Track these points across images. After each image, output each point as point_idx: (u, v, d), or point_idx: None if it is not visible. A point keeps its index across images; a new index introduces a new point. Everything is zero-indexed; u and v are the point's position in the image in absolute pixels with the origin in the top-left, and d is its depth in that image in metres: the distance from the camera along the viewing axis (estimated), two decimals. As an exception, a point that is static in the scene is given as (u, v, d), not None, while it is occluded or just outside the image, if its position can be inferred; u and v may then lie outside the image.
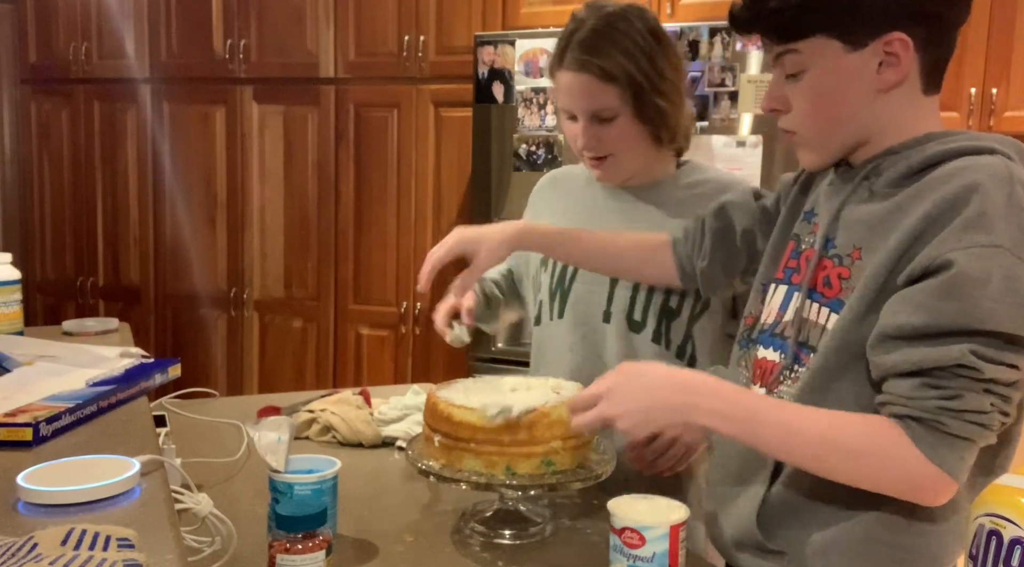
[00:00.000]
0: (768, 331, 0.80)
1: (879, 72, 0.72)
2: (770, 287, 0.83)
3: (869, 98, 0.73)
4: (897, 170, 0.73)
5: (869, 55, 0.71)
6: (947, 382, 0.64)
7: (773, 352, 0.79)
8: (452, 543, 0.86)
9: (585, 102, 0.97)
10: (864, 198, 0.75)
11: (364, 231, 2.55)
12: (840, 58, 0.72)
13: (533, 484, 0.81)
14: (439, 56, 2.38)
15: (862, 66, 0.72)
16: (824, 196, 0.80)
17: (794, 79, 0.74)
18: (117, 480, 0.60)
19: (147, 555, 0.50)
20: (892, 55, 0.71)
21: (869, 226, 0.73)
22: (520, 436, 0.80)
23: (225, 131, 2.66)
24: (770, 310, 0.81)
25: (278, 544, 0.68)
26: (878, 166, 0.74)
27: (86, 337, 1.18)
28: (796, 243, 0.81)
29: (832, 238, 0.75)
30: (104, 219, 2.84)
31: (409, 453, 0.88)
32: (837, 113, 0.74)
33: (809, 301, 0.75)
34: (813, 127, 0.76)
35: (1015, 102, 1.98)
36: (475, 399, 0.83)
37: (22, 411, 0.74)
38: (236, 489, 0.97)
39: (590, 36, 0.95)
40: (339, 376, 2.59)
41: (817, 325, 0.75)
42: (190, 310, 2.75)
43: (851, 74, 0.72)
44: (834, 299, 0.74)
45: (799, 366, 0.76)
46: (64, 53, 2.80)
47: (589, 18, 0.97)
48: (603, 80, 0.95)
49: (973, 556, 0.52)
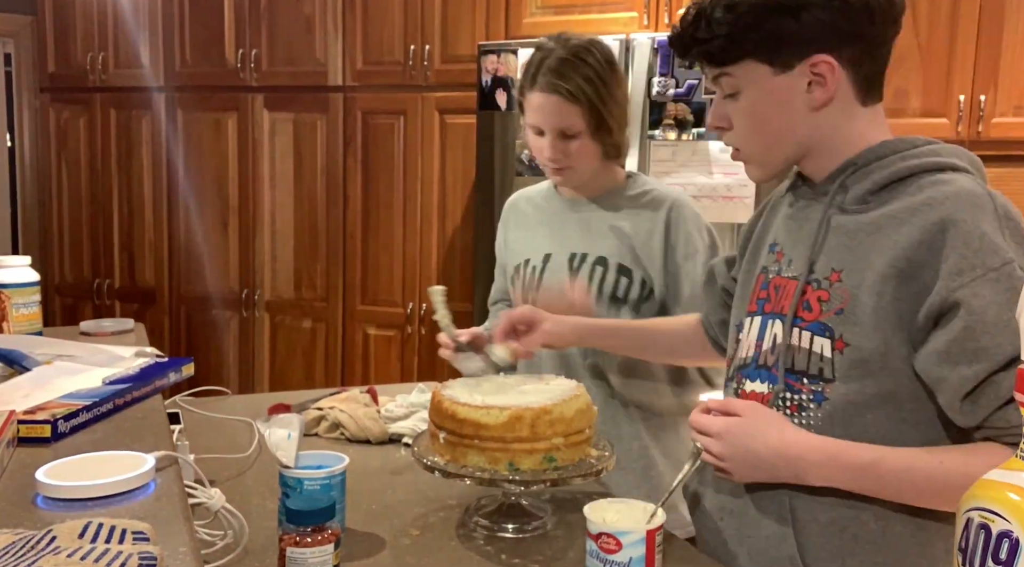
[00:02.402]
0: (751, 364, 0.80)
1: (809, 91, 0.74)
2: (744, 323, 0.83)
3: (803, 115, 0.75)
4: (863, 187, 0.74)
5: (797, 76, 0.74)
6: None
7: (761, 384, 0.79)
8: (457, 537, 0.87)
9: (553, 120, 1.10)
10: (837, 215, 0.75)
11: (371, 234, 2.57)
12: (769, 80, 0.75)
13: (535, 480, 0.83)
14: (444, 65, 2.40)
15: (792, 87, 0.74)
16: (786, 225, 0.81)
17: (732, 99, 0.77)
18: (132, 475, 0.61)
19: (161, 548, 0.50)
20: (819, 75, 0.73)
21: (847, 247, 0.73)
22: (523, 433, 0.82)
23: (237, 138, 2.70)
24: (748, 344, 0.81)
25: (288, 537, 0.69)
26: (843, 183, 0.75)
27: (103, 337, 1.20)
28: (764, 274, 0.82)
29: (809, 262, 0.76)
30: (120, 223, 2.88)
31: (415, 449, 0.89)
32: (775, 130, 0.77)
33: (795, 328, 0.75)
34: (754, 144, 0.78)
35: (1003, 109, 1.98)
36: (479, 397, 0.85)
37: (41, 408, 0.75)
38: (247, 484, 0.98)
39: (559, 63, 1.08)
40: (347, 375, 2.62)
41: (802, 349, 0.74)
42: (203, 311, 2.79)
43: (782, 94, 0.75)
44: (814, 322, 0.74)
45: (794, 394, 0.75)
46: (82, 63, 2.85)
47: (557, 48, 1.10)
48: (569, 101, 1.08)
49: (963, 549, 0.53)
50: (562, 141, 1.11)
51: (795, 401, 0.76)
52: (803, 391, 0.75)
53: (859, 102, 0.76)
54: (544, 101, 1.09)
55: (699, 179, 1.96)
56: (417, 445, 0.91)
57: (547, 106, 1.09)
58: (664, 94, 1.98)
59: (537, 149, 1.14)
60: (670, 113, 1.97)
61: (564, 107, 1.08)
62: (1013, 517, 0.48)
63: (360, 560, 0.81)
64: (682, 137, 1.97)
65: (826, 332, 0.73)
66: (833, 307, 0.73)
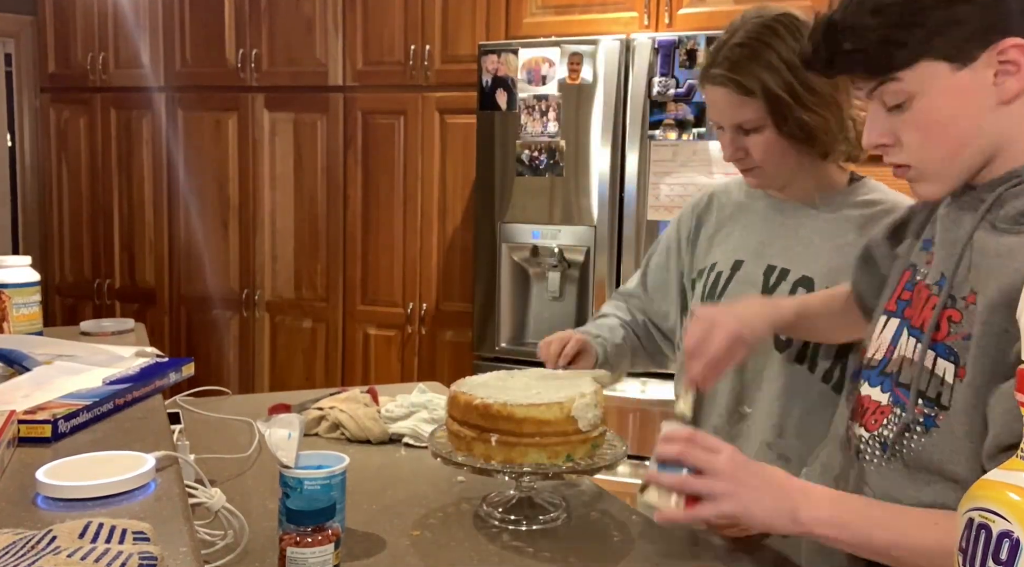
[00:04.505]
0: (877, 368, 0.74)
1: (996, 83, 0.65)
2: (882, 318, 0.76)
3: (991, 112, 0.66)
4: (1018, 205, 0.65)
5: (982, 67, 0.65)
6: None
7: (881, 392, 0.72)
8: (457, 537, 0.87)
9: (727, 115, 0.96)
10: (987, 232, 0.66)
11: (372, 234, 2.57)
12: (950, 78, 0.65)
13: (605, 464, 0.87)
14: (444, 65, 2.40)
15: (977, 81, 0.65)
16: (941, 224, 0.72)
17: (899, 110, 0.68)
18: (133, 475, 0.61)
19: (162, 548, 0.50)
20: (1008, 63, 0.64)
21: (987, 267, 0.65)
22: (579, 425, 0.86)
23: (237, 138, 2.70)
24: (880, 344, 0.74)
25: (288, 537, 0.69)
26: (1001, 196, 0.67)
27: (103, 337, 1.20)
28: (912, 272, 0.74)
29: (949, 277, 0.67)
30: (120, 223, 2.88)
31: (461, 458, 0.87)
32: (958, 135, 0.67)
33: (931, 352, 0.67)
34: (932, 156, 0.68)
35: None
36: (533, 396, 0.87)
37: (41, 408, 0.75)
38: (248, 484, 0.99)
39: (733, 51, 0.93)
40: (347, 375, 2.62)
41: (929, 372, 0.67)
42: (203, 311, 2.79)
43: (966, 92, 0.65)
44: (940, 343, 0.67)
45: (903, 412, 0.69)
46: (82, 63, 2.85)
47: (740, 28, 0.94)
48: (741, 93, 0.93)
49: (963, 550, 0.53)
50: (742, 137, 0.95)
51: (904, 421, 0.69)
52: (918, 412, 0.68)
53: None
54: (715, 94, 0.95)
55: (699, 179, 1.96)
56: (450, 455, 0.88)
57: (719, 100, 0.95)
58: (664, 94, 1.98)
59: (722, 146, 0.98)
60: (670, 113, 1.98)
61: (736, 100, 0.93)
62: (1013, 517, 0.48)
63: (360, 560, 0.81)
64: (682, 137, 1.97)
65: (951, 356, 0.66)
66: (962, 331, 0.65)
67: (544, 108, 2.11)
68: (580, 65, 2.06)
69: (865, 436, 0.73)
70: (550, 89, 2.09)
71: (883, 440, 0.71)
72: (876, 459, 0.71)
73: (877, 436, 0.71)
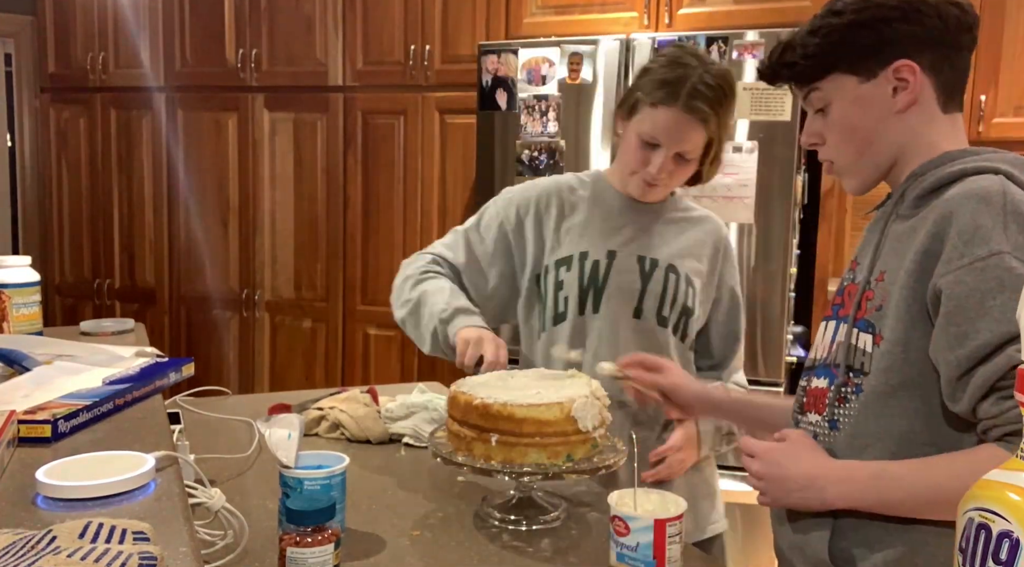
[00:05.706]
0: (821, 363, 0.85)
1: (894, 96, 0.79)
2: (822, 325, 0.88)
3: (890, 120, 0.80)
4: (914, 193, 0.79)
5: (883, 82, 0.80)
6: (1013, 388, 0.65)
7: (823, 381, 0.84)
8: (457, 537, 0.87)
9: (678, 141, 1.08)
10: (896, 222, 0.80)
11: (371, 234, 2.58)
12: (857, 89, 0.80)
13: (590, 468, 0.87)
14: (444, 65, 2.40)
15: (878, 93, 0.80)
16: (863, 237, 0.86)
17: (823, 114, 0.83)
18: (133, 475, 0.61)
19: (162, 548, 0.50)
20: (902, 80, 0.79)
21: (894, 249, 0.78)
22: (579, 425, 0.87)
23: (237, 138, 2.70)
24: (822, 344, 0.86)
25: (288, 537, 0.69)
26: (904, 192, 0.80)
27: (103, 337, 1.20)
28: (841, 283, 0.87)
29: (868, 267, 0.80)
30: (120, 223, 2.88)
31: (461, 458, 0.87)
32: (864, 136, 0.81)
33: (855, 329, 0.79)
34: (846, 153, 0.83)
35: (1003, 109, 1.99)
36: (532, 396, 0.87)
37: (41, 408, 0.74)
38: (248, 484, 0.99)
39: (707, 89, 1.06)
40: (347, 375, 2.62)
41: (851, 346, 0.79)
42: (203, 311, 2.79)
43: (869, 101, 0.80)
44: (862, 320, 0.79)
45: (845, 389, 0.80)
46: (82, 63, 2.86)
47: (699, 68, 1.07)
48: (702, 128, 1.07)
49: (963, 550, 0.53)
50: (674, 163, 1.10)
51: (843, 394, 0.80)
52: (849, 385, 0.79)
53: (940, 108, 0.80)
54: (678, 120, 1.06)
55: (699, 179, 1.96)
56: (450, 455, 0.89)
57: (680, 127, 1.06)
58: (664, 94, 1.98)
59: (639, 160, 1.10)
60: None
61: (695, 132, 1.07)
62: (1013, 517, 0.48)
63: (360, 560, 0.82)
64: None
65: (869, 328, 0.77)
66: (875, 304, 0.77)
67: (544, 108, 2.12)
68: (580, 65, 2.06)
69: (816, 420, 0.83)
70: (550, 89, 2.10)
71: (830, 418, 0.81)
72: (827, 438, 0.81)
73: (825, 417, 0.82)
